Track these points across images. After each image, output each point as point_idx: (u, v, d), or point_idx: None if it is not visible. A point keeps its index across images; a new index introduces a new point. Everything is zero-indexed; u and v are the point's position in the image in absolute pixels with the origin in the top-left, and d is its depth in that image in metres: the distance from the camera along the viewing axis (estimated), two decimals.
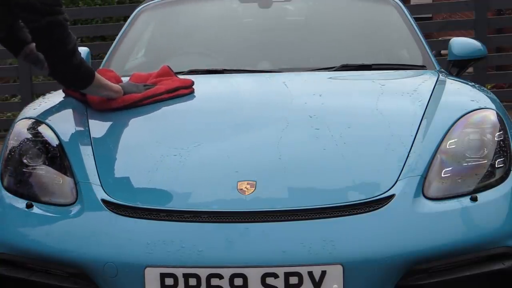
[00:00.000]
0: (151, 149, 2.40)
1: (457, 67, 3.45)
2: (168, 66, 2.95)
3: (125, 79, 3.22)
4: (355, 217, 2.07)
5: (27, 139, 2.44)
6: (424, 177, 2.20)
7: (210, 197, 2.17)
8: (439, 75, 2.98)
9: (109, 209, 2.15)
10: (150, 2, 3.91)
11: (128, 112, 2.66)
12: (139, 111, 2.68)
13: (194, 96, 2.82)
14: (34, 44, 2.65)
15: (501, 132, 2.37)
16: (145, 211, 2.13)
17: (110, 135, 2.53)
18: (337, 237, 2.02)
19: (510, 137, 2.39)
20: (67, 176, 2.30)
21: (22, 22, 2.45)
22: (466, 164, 2.27)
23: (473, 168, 2.26)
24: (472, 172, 2.25)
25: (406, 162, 2.24)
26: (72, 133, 2.46)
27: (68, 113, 2.62)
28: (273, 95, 2.79)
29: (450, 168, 2.25)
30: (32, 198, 2.28)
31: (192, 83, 2.82)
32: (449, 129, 2.35)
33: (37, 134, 2.45)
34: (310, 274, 1.97)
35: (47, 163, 2.35)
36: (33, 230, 2.21)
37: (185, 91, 2.79)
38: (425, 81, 2.91)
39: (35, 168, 2.34)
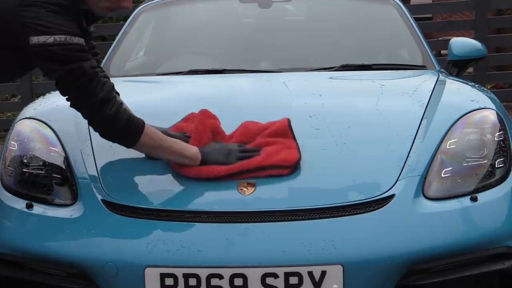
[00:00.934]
0: None
1: (457, 67, 3.45)
2: (288, 122, 2.36)
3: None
4: (355, 217, 2.07)
5: (27, 139, 2.44)
6: (424, 177, 2.20)
7: (210, 197, 2.17)
8: (439, 75, 2.98)
9: (109, 209, 2.15)
10: (150, 2, 3.91)
11: None
12: (138, 111, 2.67)
13: (195, 96, 2.82)
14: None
15: (501, 132, 2.37)
16: (145, 211, 2.13)
17: None
18: (337, 237, 2.02)
19: (510, 137, 2.39)
20: (67, 176, 2.30)
21: (43, 73, 2.21)
22: (466, 164, 2.27)
23: (473, 168, 2.26)
24: (472, 172, 2.25)
25: (406, 162, 2.24)
26: (72, 133, 2.45)
27: (68, 113, 2.59)
28: (273, 95, 2.79)
29: (450, 168, 2.25)
30: (32, 198, 2.28)
31: (297, 161, 2.21)
32: (449, 129, 2.35)
33: (37, 134, 2.45)
34: (310, 274, 1.97)
35: (47, 163, 2.35)
36: (33, 230, 2.21)
37: (281, 172, 2.18)
38: (425, 81, 2.91)
39: (35, 168, 2.34)
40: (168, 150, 2.21)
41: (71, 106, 2.20)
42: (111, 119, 2.14)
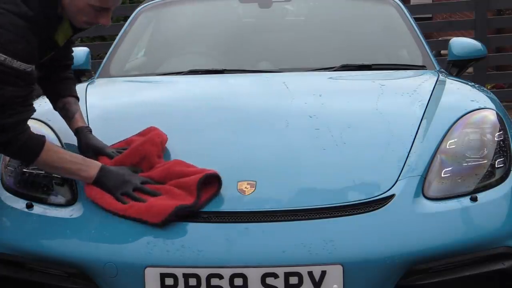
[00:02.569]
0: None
1: (457, 67, 3.45)
2: (215, 175, 2.17)
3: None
4: (355, 217, 2.07)
5: None
6: (424, 177, 2.20)
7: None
8: (439, 75, 2.98)
9: None
10: (150, 2, 3.91)
11: (128, 112, 2.65)
12: (138, 111, 2.68)
13: (195, 96, 2.82)
14: (68, 99, 2.49)
15: (501, 132, 2.38)
16: None
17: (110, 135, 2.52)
18: (337, 237, 2.02)
19: (510, 137, 2.39)
20: None
21: None
22: (466, 164, 2.27)
23: (473, 168, 2.26)
24: (472, 172, 2.25)
25: (406, 162, 2.24)
26: (72, 133, 2.45)
27: None
28: (273, 95, 2.79)
29: (450, 168, 2.25)
30: (32, 198, 2.27)
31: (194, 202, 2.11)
32: (449, 129, 2.36)
33: None
34: (310, 274, 1.97)
35: None
36: (33, 230, 2.21)
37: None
38: (425, 81, 2.91)
39: (35, 168, 2.33)
40: (65, 170, 2.21)
41: None
42: (4, 144, 2.12)
